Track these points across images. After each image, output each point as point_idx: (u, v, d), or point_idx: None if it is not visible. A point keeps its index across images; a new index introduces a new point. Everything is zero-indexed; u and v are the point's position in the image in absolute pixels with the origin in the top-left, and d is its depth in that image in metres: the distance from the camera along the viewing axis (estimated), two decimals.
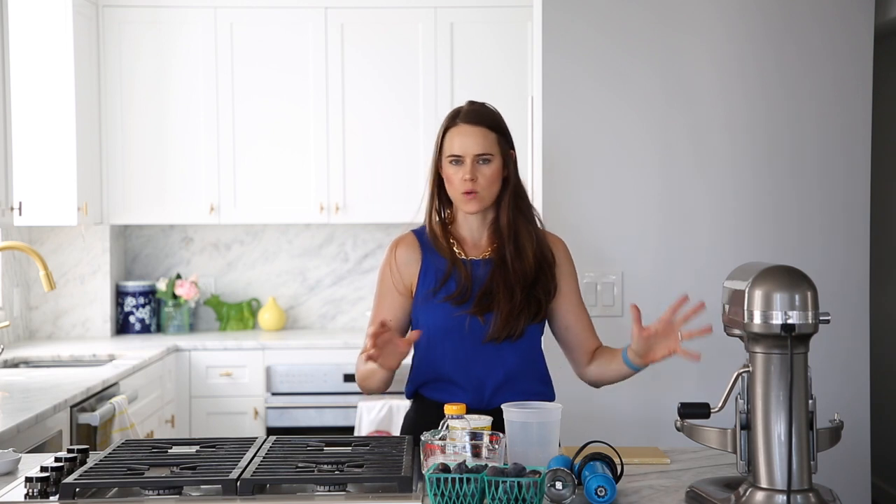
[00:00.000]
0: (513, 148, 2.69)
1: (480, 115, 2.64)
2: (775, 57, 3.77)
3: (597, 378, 2.70)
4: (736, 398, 2.06)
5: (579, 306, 2.72)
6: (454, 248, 2.68)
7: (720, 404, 2.07)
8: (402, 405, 4.99)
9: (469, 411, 2.39)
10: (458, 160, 2.61)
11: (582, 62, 3.74)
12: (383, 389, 2.64)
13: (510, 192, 2.66)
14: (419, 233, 2.74)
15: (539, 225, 2.72)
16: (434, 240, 2.69)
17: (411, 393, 2.73)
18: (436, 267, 2.66)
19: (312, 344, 5.27)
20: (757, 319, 1.99)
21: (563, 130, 3.73)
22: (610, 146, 3.74)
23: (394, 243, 2.75)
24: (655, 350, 2.48)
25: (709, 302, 3.63)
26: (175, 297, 5.59)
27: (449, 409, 2.28)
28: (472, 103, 2.69)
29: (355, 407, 5.08)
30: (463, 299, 2.61)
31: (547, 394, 2.68)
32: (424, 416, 2.61)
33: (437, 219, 2.70)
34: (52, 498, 2.08)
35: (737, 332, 2.07)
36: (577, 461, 2.18)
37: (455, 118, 2.65)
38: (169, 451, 2.39)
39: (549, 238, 2.74)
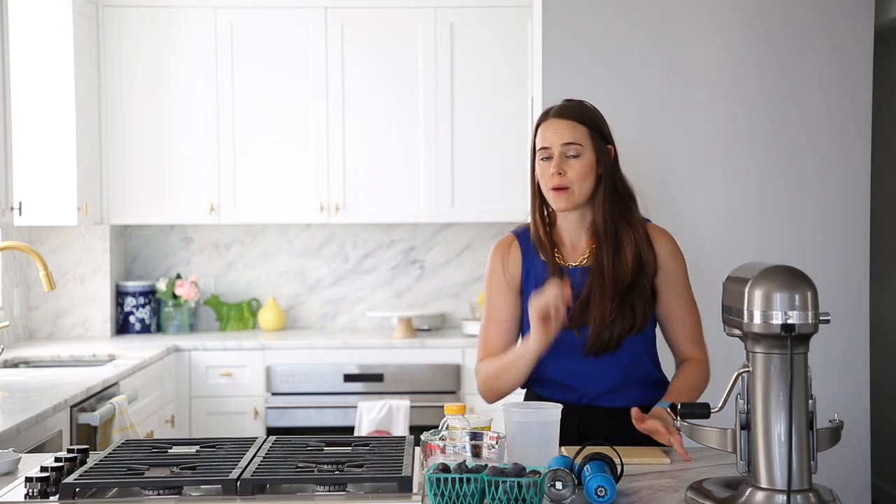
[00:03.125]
0: (611, 143, 2.62)
1: (569, 109, 2.59)
2: (775, 57, 3.77)
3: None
4: (736, 398, 2.06)
5: (676, 309, 2.64)
6: (555, 254, 2.60)
7: (720, 404, 2.07)
8: (402, 405, 4.99)
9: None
10: (547, 154, 2.56)
11: (582, 62, 3.73)
12: (514, 385, 2.60)
13: (606, 189, 2.58)
14: (520, 235, 2.67)
15: (644, 220, 2.64)
16: (537, 243, 2.62)
17: (524, 385, 2.68)
18: (536, 273, 2.61)
19: (312, 344, 5.27)
20: (757, 319, 1.99)
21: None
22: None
23: (496, 248, 2.67)
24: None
25: (709, 302, 3.62)
26: (175, 297, 5.59)
27: (449, 409, 2.28)
28: (566, 100, 2.64)
29: (355, 407, 5.08)
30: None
31: (656, 398, 2.62)
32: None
33: (541, 221, 2.62)
34: (52, 498, 2.08)
35: (737, 332, 2.07)
36: (577, 461, 2.18)
37: (546, 114, 2.61)
38: (169, 451, 2.39)
39: (655, 234, 2.64)
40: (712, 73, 3.78)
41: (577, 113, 2.59)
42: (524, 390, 2.73)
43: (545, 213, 2.64)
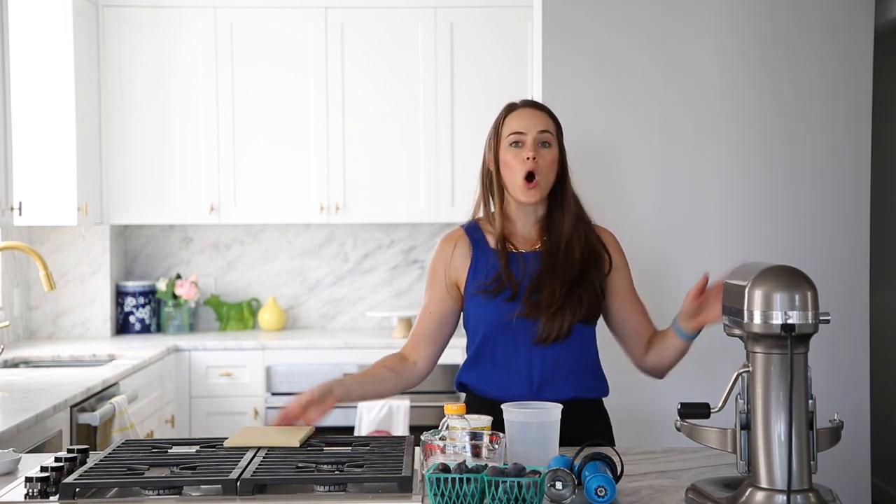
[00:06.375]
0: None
1: (540, 104, 2.68)
2: (775, 57, 3.77)
3: (656, 362, 2.67)
4: (736, 398, 2.06)
5: (632, 298, 2.68)
6: (506, 243, 2.64)
7: (720, 404, 2.07)
8: (402, 405, 4.99)
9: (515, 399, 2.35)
10: (519, 139, 2.58)
11: (583, 62, 3.74)
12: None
13: (564, 188, 2.63)
14: (468, 228, 2.72)
15: (588, 219, 2.69)
16: (485, 234, 2.67)
17: (460, 385, 2.71)
18: (486, 262, 2.64)
19: (312, 344, 5.27)
20: (757, 319, 1.98)
21: (563, 130, 3.73)
22: (610, 147, 3.75)
23: (444, 239, 2.73)
24: (707, 313, 2.49)
25: None
26: (175, 297, 5.59)
27: (449, 408, 2.28)
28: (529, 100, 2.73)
29: (355, 407, 5.08)
30: (512, 296, 2.58)
31: (600, 388, 2.66)
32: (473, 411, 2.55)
33: (490, 212, 2.67)
34: (52, 498, 2.08)
35: (737, 332, 2.07)
36: (577, 461, 2.18)
37: (514, 105, 2.66)
38: (169, 451, 2.39)
39: (605, 235, 2.70)
40: (711, 72, 3.78)
41: (547, 109, 2.67)
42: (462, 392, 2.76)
43: (492, 206, 2.67)
